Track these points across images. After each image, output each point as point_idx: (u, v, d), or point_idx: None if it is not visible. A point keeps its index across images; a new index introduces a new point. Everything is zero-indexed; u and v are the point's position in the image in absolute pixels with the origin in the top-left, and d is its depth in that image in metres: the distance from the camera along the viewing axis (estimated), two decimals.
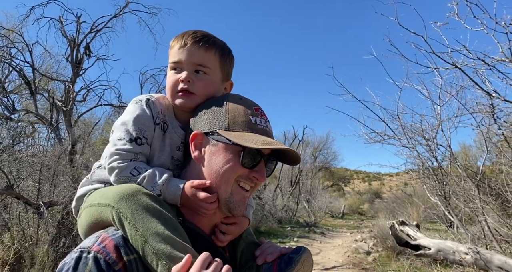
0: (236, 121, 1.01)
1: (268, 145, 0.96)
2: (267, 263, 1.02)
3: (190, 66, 1.09)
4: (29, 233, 6.71)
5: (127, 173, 0.99)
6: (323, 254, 10.70)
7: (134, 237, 0.87)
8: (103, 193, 0.99)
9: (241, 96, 1.10)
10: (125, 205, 0.91)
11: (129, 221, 0.88)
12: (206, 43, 1.10)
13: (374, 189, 43.87)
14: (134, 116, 1.04)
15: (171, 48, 1.13)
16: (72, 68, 9.51)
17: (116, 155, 1.01)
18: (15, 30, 10.41)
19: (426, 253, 4.35)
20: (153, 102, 1.09)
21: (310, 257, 1.04)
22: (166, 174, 1.00)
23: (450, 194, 5.75)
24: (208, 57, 1.10)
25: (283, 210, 17.66)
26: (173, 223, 0.92)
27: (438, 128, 5.90)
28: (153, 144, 1.07)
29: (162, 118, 1.09)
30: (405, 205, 14.12)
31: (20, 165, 8.70)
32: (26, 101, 13.42)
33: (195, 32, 1.11)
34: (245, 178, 1.01)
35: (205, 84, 1.09)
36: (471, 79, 4.25)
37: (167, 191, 0.98)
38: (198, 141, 1.03)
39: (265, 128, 1.04)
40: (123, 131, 1.03)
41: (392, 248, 9.07)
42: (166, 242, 0.86)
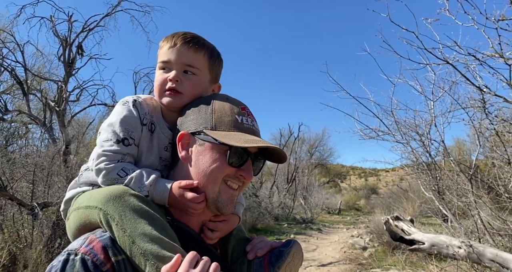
0: (223, 120, 1.01)
1: (254, 144, 0.96)
2: (258, 257, 1.03)
3: (179, 66, 1.09)
4: (24, 234, 6.67)
5: (114, 174, 1.00)
6: (320, 250, 10.76)
7: (121, 238, 0.87)
8: (91, 195, 0.99)
9: (228, 96, 1.10)
10: (112, 206, 0.91)
11: (116, 222, 0.89)
12: (196, 45, 1.11)
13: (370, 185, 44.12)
14: (121, 117, 1.04)
15: (160, 48, 1.13)
16: (65, 67, 9.43)
17: (103, 156, 1.01)
18: (5, 29, 10.30)
19: (420, 247, 4.38)
20: (140, 103, 1.09)
21: (300, 250, 1.05)
22: (153, 175, 1.00)
23: (443, 189, 5.79)
24: (197, 58, 1.11)
25: (279, 207, 17.70)
26: (161, 223, 0.92)
27: (431, 124, 5.93)
28: (140, 144, 1.07)
29: (149, 119, 1.09)
30: (401, 200, 14.23)
31: (14, 166, 8.63)
32: (19, 101, 13.31)
33: (185, 33, 1.12)
34: (233, 177, 1.02)
35: (193, 84, 1.10)
36: (462, 75, 4.28)
37: (154, 192, 0.99)
38: (185, 141, 1.03)
39: (252, 127, 1.05)
40: (110, 132, 1.04)
41: (388, 243, 9.14)
42: (154, 242, 0.86)
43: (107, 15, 10.05)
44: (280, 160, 1.08)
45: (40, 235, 6.71)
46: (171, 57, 1.09)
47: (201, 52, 1.11)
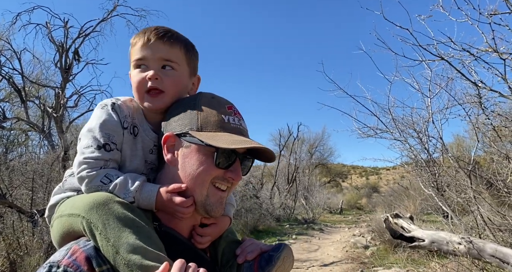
0: (209, 120, 0.98)
1: (241, 145, 0.93)
2: (248, 261, 1.02)
3: (156, 62, 1.04)
4: (24, 242, 6.65)
5: (97, 181, 0.96)
6: (322, 250, 10.73)
7: (105, 247, 0.85)
8: (74, 202, 0.96)
9: (214, 95, 1.07)
10: (95, 215, 0.88)
11: (100, 231, 0.86)
12: (171, 38, 1.06)
13: (371, 184, 44.09)
14: (101, 121, 1.00)
15: (132, 46, 1.08)
16: (62, 73, 9.45)
17: (84, 164, 0.98)
18: (2, 37, 10.32)
19: (420, 244, 4.37)
20: (119, 105, 1.05)
21: (290, 254, 1.04)
22: (138, 180, 0.97)
23: (443, 185, 5.78)
24: (174, 52, 1.07)
25: (281, 208, 17.67)
26: (146, 231, 0.89)
27: (429, 120, 5.93)
28: (123, 149, 1.03)
29: (130, 121, 1.06)
30: (402, 198, 14.21)
31: (13, 174, 8.63)
32: (17, 109, 13.33)
33: (157, 28, 1.08)
34: (221, 179, 0.99)
35: (173, 80, 1.06)
36: (458, 71, 4.27)
37: (141, 198, 0.96)
38: (170, 144, 1.01)
39: (239, 126, 1.02)
40: (90, 138, 1.00)
41: (390, 242, 9.12)
42: (138, 252, 0.84)
43: (103, 20, 10.09)
44: (268, 159, 1.06)
45: (40, 242, 6.70)
46: (146, 53, 1.04)
47: (176, 46, 1.07)
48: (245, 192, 14.10)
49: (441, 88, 5.43)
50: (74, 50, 9.72)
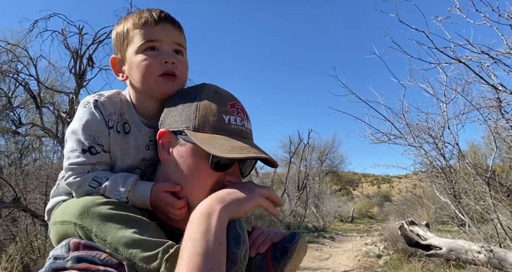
0: (207, 120, 0.91)
1: (236, 154, 0.86)
2: (259, 254, 0.95)
3: (170, 46, 0.98)
4: (37, 245, 6.71)
5: (86, 186, 0.93)
6: (333, 258, 10.54)
7: (104, 247, 0.83)
8: (64, 208, 0.93)
9: (217, 88, 0.99)
10: (87, 219, 0.85)
11: (95, 234, 0.83)
12: (179, 23, 1.02)
13: (383, 192, 43.39)
14: (83, 122, 0.94)
15: (139, 26, 0.97)
16: (76, 79, 9.63)
17: (70, 170, 0.94)
18: (20, 45, 10.60)
19: (437, 253, 4.23)
20: (103, 103, 0.97)
21: (304, 242, 0.97)
22: (130, 180, 0.92)
23: (460, 193, 5.63)
24: (183, 38, 1.03)
25: (291, 216, 17.49)
26: (144, 224, 0.86)
27: (444, 126, 5.81)
28: (112, 149, 0.97)
29: (117, 119, 0.98)
30: (415, 207, 13.91)
31: (27, 178, 8.76)
32: (32, 115, 13.60)
33: (161, 10, 1.01)
34: (220, 184, 0.92)
35: (185, 66, 1.01)
36: (476, 74, 4.18)
37: (134, 197, 0.92)
38: (165, 140, 0.95)
39: (241, 127, 0.94)
40: (74, 141, 0.94)
41: (403, 251, 8.89)
42: (137, 245, 0.81)
43: None
44: (270, 164, 0.97)
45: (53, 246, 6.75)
46: (161, 35, 0.96)
47: (183, 32, 1.03)
48: None
49: (457, 93, 5.33)
50: (88, 56, 9.93)
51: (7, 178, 7.90)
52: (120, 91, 1.05)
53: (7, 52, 10.46)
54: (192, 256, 0.72)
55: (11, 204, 6.75)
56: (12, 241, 6.58)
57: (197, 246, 0.74)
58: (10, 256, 5.55)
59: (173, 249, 0.80)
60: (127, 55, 0.99)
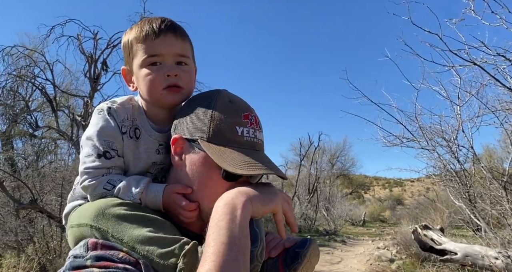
0: (220, 132, 0.93)
1: (247, 171, 0.88)
2: (271, 258, 0.98)
3: (172, 58, 1.00)
4: (53, 246, 6.86)
5: (100, 189, 0.96)
6: (345, 262, 10.44)
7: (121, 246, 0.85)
8: (80, 212, 0.96)
9: (231, 97, 0.99)
10: (102, 220, 0.87)
11: (111, 234, 0.85)
12: (181, 32, 1.02)
13: (395, 196, 42.74)
14: (98, 128, 0.98)
15: (139, 41, 0.99)
16: (90, 83, 9.83)
17: (86, 174, 0.97)
18: (37, 50, 10.87)
19: (452, 258, 4.17)
20: (116, 110, 1.01)
21: (316, 249, 1.00)
22: (142, 182, 0.95)
23: (475, 197, 5.53)
24: (186, 47, 1.03)
25: (301, 219, 17.41)
26: (159, 223, 0.88)
27: (458, 129, 5.73)
28: (125, 154, 1.00)
29: (129, 125, 1.02)
30: (429, 211, 13.67)
31: (43, 180, 8.96)
32: (48, 118, 13.90)
33: (163, 20, 1.02)
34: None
35: (189, 76, 1.03)
36: (492, 76, 4.12)
37: (146, 199, 0.95)
38: (178, 146, 0.97)
39: (253, 139, 0.96)
40: (90, 147, 0.98)
41: (417, 255, 8.76)
42: (153, 243, 0.83)
43: None
44: (280, 177, 0.99)
45: (68, 247, 6.88)
46: (162, 49, 0.98)
47: (187, 40, 1.04)
48: None
49: (471, 95, 5.25)
50: (103, 60, 10.13)
51: (25, 180, 8.10)
52: (133, 97, 1.08)
53: (25, 57, 10.75)
54: (218, 243, 0.75)
55: (28, 205, 6.92)
56: (30, 242, 6.73)
57: (223, 234, 0.76)
58: (28, 256, 5.69)
59: (189, 245, 0.82)
60: (133, 68, 1.03)
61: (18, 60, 10.86)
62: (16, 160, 11.75)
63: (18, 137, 13.12)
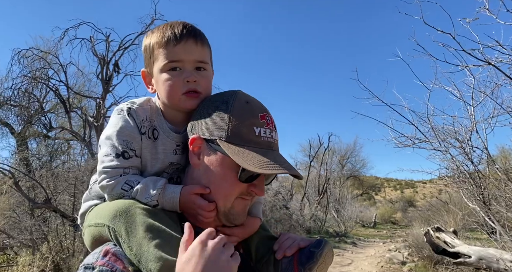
0: (238, 132, 0.94)
1: (267, 170, 0.90)
2: (286, 257, 0.99)
3: (192, 64, 1.02)
4: (66, 245, 6.98)
5: (118, 189, 0.97)
6: (355, 264, 10.35)
7: (130, 256, 0.87)
8: (98, 211, 0.98)
9: (248, 98, 1.01)
10: (118, 223, 0.89)
11: (123, 240, 0.88)
12: (201, 38, 1.04)
13: (406, 197, 42.17)
14: (118, 128, 0.99)
15: (161, 46, 1.01)
16: (102, 85, 9.99)
17: (104, 173, 0.98)
18: (51, 52, 11.10)
19: (466, 261, 4.09)
20: (136, 110, 1.02)
21: (331, 250, 1.00)
22: (160, 183, 0.96)
23: (489, 199, 5.41)
24: (206, 53, 1.05)
25: (311, 220, 17.32)
26: (166, 236, 0.88)
27: (472, 130, 5.62)
28: (143, 154, 1.02)
29: (148, 125, 1.03)
30: (441, 213, 13.44)
31: (57, 180, 9.13)
32: (62, 119, 14.17)
33: (184, 25, 1.03)
34: (245, 193, 0.98)
35: (207, 81, 1.05)
36: (507, 76, 4.04)
37: (164, 200, 0.95)
38: (196, 146, 0.98)
39: (270, 139, 0.98)
40: (109, 146, 0.99)
41: (429, 258, 8.63)
42: (157, 260, 0.83)
43: (141, 34, 10.59)
44: (295, 176, 1.00)
45: (81, 246, 6.99)
46: (183, 56, 1.00)
47: (206, 45, 1.05)
48: (275, 202, 13.98)
49: (486, 95, 5.15)
50: (114, 62, 10.28)
51: (39, 180, 8.27)
52: (151, 98, 1.09)
53: (39, 59, 10.99)
54: None
55: (43, 205, 7.07)
56: (44, 240, 6.87)
57: None
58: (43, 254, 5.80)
59: None
60: (153, 71, 1.05)
61: (33, 62, 11.11)
62: (30, 160, 12.00)
63: (33, 138, 13.40)
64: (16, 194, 7.36)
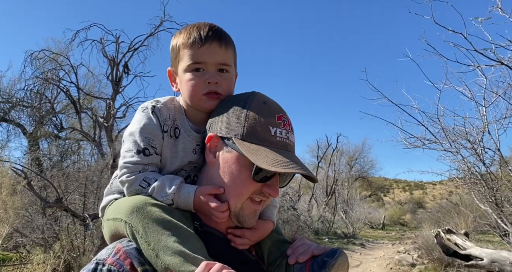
0: (254, 131, 0.95)
1: (280, 168, 0.90)
2: (298, 263, 0.98)
3: (214, 66, 1.04)
4: (77, 244, 7.07)
5: (136, 185, 0.99)
6: (364, 266, 10.27)
7: (146, 251, 0.87)
8: (117, 206, 1.00)
9: (266, 99, 1.02)
10: (136, 219, 0.90)
11: (140, 235, 0.89)
12: (226, 41, 1.06)
13: (416, 199, 41.73)
14: (141, 125, 1.01)
15: (185, 46, 1.04)
16: (112, 86, 10.10)
17: (125, 168, 1.00)
18: (62, 53, 11.27)
19: (478, 264, 4.02)
20: (160, 109, 1.04)
21: (345, 261, 0.98)
22: (176, 182, 0.98)
23: (502, 201, 5.33)
24: (229, 55, 1.07)
25: (319, 221, 17.24)
26: (184, 232, 0.90)
27: (484, 131, 5.54)
28: (163, 152, 1.03)
29: (170, 124, 1.05)
30: (452, 215, 13.26)
31: (68, 180, 9.27)
32: (72, 119, 14.38)
33: (210, 27, 1.05)
34: (258, 193, 0.97)
35: (229, 83, 1.07)
36: None
37: (179, 200, 0.97)
38: (213, 144, 0.99)
39: (286, 140, 0.98)
40: (131, 142, 1.01)
41: (439, 260, 8.52)
42: (177, 255, 0.84)
43: (151, 35, 10.70)
44: (310, 179, 1.00)
45: (91, 245, 7.08)
46: (206, 58, 1.02)
47: (230, 48, 1.07)
48: (282, 203, 13.95)
49: (498, 96, 5.07)
50: (124, 63, 10.39)
51: (51, 179, 8.40)
52: (174, 98, 1.11)
53: (51, 61, 11.17)
54: None
55: (54, 204, 7.17)
56: (55, 239, 6.97)
57: None
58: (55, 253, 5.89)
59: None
60: (178, 71, 1.07)
61: (45, 64, 11.29)
62: (42, 160, 12.20)
63: (44, 138, 13.63)
64: (29, 193, 7.48)
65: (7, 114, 12.57)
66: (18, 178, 7.34)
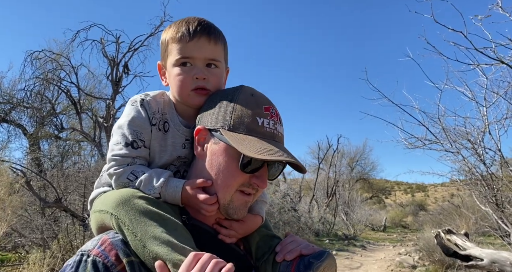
0: (241, 121, 0.95)
1: (266, 156, 0.89)
2: (286, 261, 0.97)
3: (202, 62, 1.03)
4: (76, 244, 7.05)
5: (124, 178, 0.99)
6: (365, 267, 10.22)
7: (133, 242, 0.87)
8: (104, 199, 0.99)
9: (254, 91, 1.02)
10: (122, 211, 0.90)
11: (127, 227, 0.88)
12: (215, 36, 1.04)
13: (417, 201, 41.53)
14: (130, 118, 1.01)
15: (174, 40, 1.03)
16: (112, 86, 10.12)
17: (113, 161, 1.00)
18: (63, 54, 11.30)
19: (478, 264, 3.98)
20: (148, 102, 1.04)
21: (333, 264, 0.97)
22: (163, 176, 0.97)
23: (503, 202, 5.28)
24: (218, 50, 1.06)
25: (320, 223, 17.17)
26: (172, 224, 0.89)
27: (485, 131, 5.50)
28: (152, 145, 1.03)
29: (159, 117, 1.05)
30: (453, 217, 13.22)
31: (67, 180, 9.26)
32: (73, 120, 14.39)
33: (199, 22, 1.04)
34: (246, 185, 0.97)
35: (217, 78, 1.06)
36: None
37: (166, 193, 0.96)
38: (201, 137, 0.99)
39: (273, 130, 0.97)
40: (119, 135, 1.01)
41: (440, 262, 8.47)
42: (164, 245, 0.84)
43: (151, 35, 10.74)
44: (299, 169, 1.00)
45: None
46: (194, 53, 1.01)
47: (220, 43, 1.06)
48: (283, 204, 13.92)
49: (499, 96, 5.04)
50: (124, 63, 10.42)
51: (50, 180, 8.39)
52: (165, 92, 1.11)
53: (51, 61, 11.20)
54: None
55: (53, 204, 7.17)
56: (54, 239, 6.95)
57: None
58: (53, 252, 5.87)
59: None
60: (167, 65, 1.07)
61: (45, 64, 11.32)
62: (42, 160, 12.20)
63: (45, 139, 13.64)
64: (28, 193, 7.48)
65: (7, 115, 12.59)
66: (18, 177, 7.33)
